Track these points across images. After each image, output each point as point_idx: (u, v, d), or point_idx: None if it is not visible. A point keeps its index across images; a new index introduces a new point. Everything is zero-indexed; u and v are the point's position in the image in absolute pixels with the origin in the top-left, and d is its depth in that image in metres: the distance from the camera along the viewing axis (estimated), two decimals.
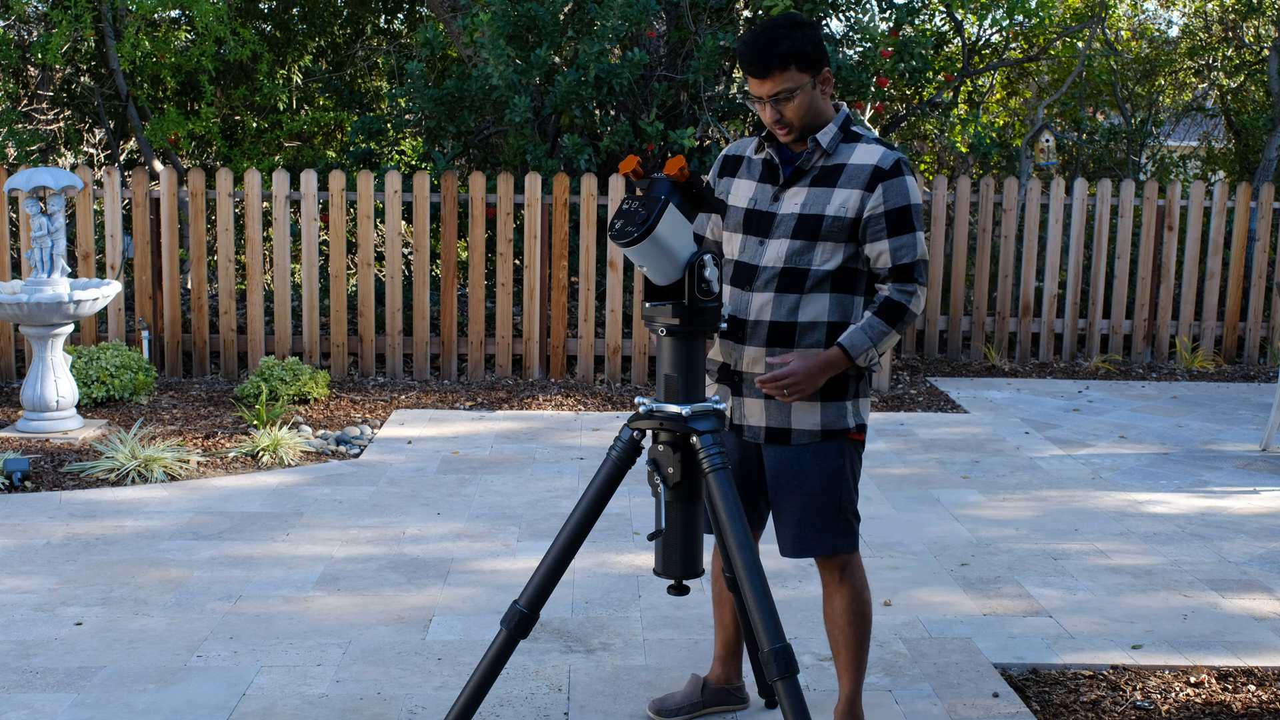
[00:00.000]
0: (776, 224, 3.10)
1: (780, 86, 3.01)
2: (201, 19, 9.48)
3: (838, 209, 3.05)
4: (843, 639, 3.24)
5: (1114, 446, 6.72)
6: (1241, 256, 9.07)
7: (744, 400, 3.15)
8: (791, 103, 3.03)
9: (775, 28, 3.02)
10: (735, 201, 3.18)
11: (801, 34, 3.01)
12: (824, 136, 3.09)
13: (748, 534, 2.77)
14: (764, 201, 3.13)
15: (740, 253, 3.14)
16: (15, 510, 5.28)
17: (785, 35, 3.00)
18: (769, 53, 2.99)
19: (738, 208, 3.17)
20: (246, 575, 4.55)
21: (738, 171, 3.22)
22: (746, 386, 3.14)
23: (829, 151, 3.09)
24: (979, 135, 9.56)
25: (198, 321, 8.10)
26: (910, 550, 4.94)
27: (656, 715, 3.47)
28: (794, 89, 3.01)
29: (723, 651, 3.52)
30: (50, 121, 11.65)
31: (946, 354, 9.22)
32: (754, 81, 3.03)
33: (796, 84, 3.01)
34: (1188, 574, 4.72)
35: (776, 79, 3.00)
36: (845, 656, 3.26)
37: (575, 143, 8.31)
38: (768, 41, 2.99)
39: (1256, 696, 3.67)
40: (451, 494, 5.63)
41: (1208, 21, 12.07)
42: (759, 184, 3.15)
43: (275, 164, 10.23)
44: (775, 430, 3.13)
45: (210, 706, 3.49)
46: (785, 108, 3.03)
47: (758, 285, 3.09)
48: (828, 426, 3.11)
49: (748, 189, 3.17)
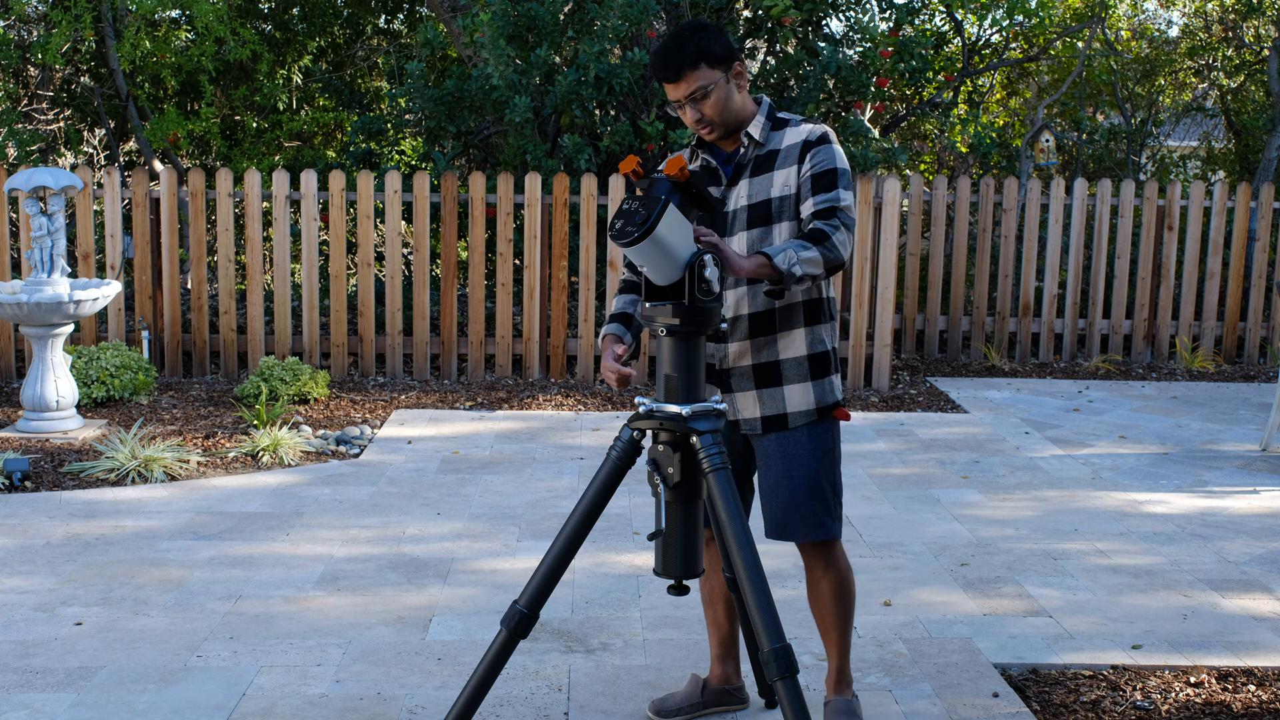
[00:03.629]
0: (731, 221, 3.19)
1: (694, 86, 3.09)
2: (201, 19, 9.48)
3: (780, 188, 3.15)
4: (831, 619, 3.34)
5: (1114, 446, 6.72)
6: (1241, 256, 9.07)
7: (735, 395, 3.24)
8: (708, 100, 3.11)
9: (680, 33, 3.12)
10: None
11: (706, 35, 3.11)
12: (755, 129, 3.19)
13: (748, 534, 2.78)
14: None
15: None
16: (15, 510, 5.28)
17: (690, 38, 3.10)
18: (677, 55, 3.08)
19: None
20: (246, 575, 4.55)
21: None
22: (736, 380, 3.22)
23: (761, 142, 3.19)
24: (979, 135, 9.56)
25: (198, 321, 8.11)
26: (910, 550, 4.94)
27: (656, 716, 3.47)
28: (708, 86, 3.10)
29: (720, 651, 3.54)
30: (50, 121, 11.65)
31: (946, 354, 9.22)
32: (669, 87, 3.11)
33: (709, 81, 3.10)
34: (1188, 574, 4.72)
35: (689, 79, 3.09)
36: (834, 634, 3.37)
37: (575, 143, 8.31)
38: (675, 46, 3.09)
39: (1256, 696, 3.67)
40: (451, 494, 5.63)
41: (1208, 21, 12.07)
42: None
43: (275, 164, 10.23)
44: (771, 418, 3.21)
45: (210, 706, 3.49)
46: (703, 106, 3.11)
47: (729, 284, 3.18)
48: (820, 403, 3.22)
49: None
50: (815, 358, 3.21)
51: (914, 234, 9.10)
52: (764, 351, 3.20)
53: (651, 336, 2.87)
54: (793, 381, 3.20)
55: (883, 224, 8.04)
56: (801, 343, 3.21)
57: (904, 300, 9.08)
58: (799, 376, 3.20)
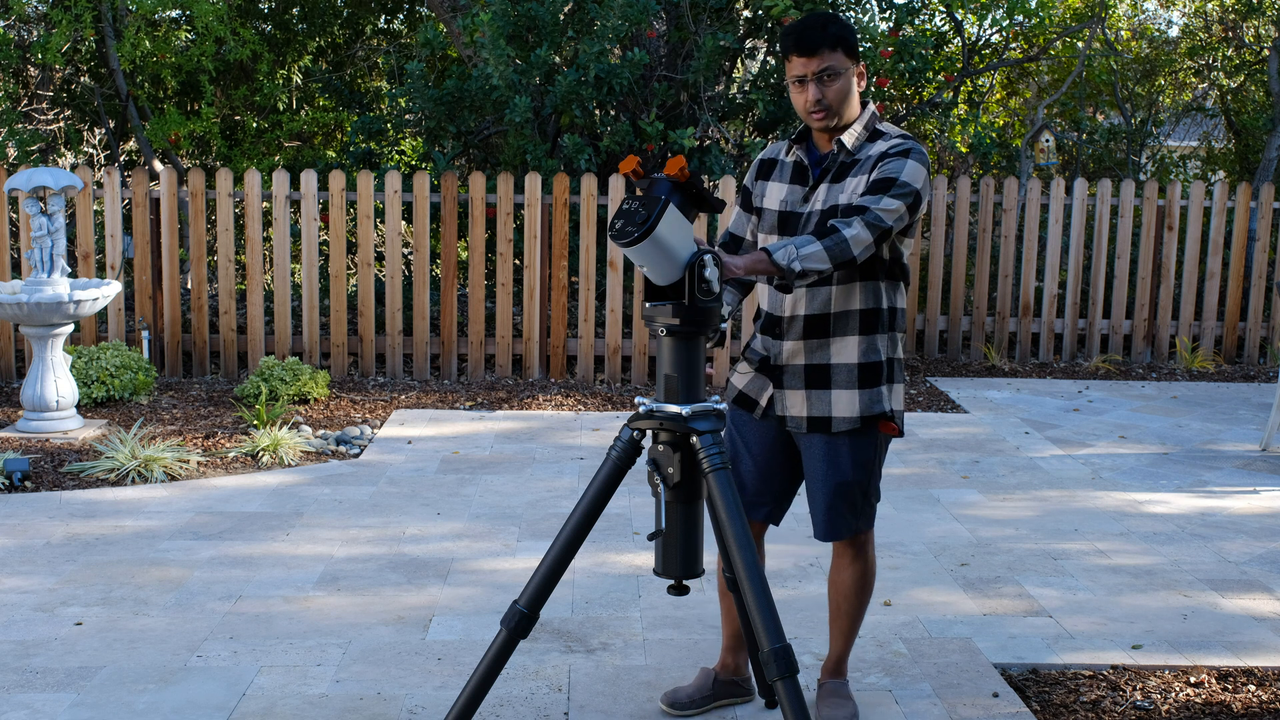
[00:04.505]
0: (804, 222, 3.23)
1: (825, 64, 3.12)
2: (201, 19, 9.48)
3: (849, 195, 3.17)
4: (846, 606, 3.42)
5: (1114, 446, 6.72)
6: (1241, 256, 9.07)
7: (785, 392, 3.29)
8: (834, 84, 3.14)
9: (823, 14, 3.19)
10: (769, 204, 3.31)
11: (848, 26, 3.18)
12: (849, 136, 3.22)
13: (748, 534, 2.78)
14: (794, 203, 3.27)
15: None
16: (15, 510, 5.28)
17: (834, 20, 3.16)
18: (820, 31, 3.12)
19: (771, 210, 3.30)
20: (246, 575, 4.55)
21: (771, 175, 3.35)
22: (787, 378, 3.28)
23: (852, 151, 3.22)
24: (979, 135, 9.56)
25: (198, 321, 8.11)
26: (910, 550, 4.94)
27: (669, 708, 3.49)
28: (839, 70, 3.14)
29: (731, 642, 3.57)
30: (50, 121, 11.65)
31: (946, 354, 9.22)
32: (799, 60, 3.13)
33: (841, 66, 3.15)
34: (1187, 574, 4.72)
35: (824, 56, 3.12)
36: (844, 622, 3.44)
37: (575, 143, 8.31)
38: (818, 23, 3.14)
39: (1256, 696, 3.67)
40: (451, 494, 5.63)
41: (1208, 21, 12.07)
42: (790, 185, 3.29)
43: (275, 164, 10.23)
44: (816, 419, 3.26)
45: (210, 706, 3.49)
46: (828, 88, 3.14)
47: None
48: (865, 412, 3.25)
49: (779, 191, 3.30)
50: (867, 366, 3.24)
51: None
52: (817, 353, 3.25)
53: (651, 336, 2.88)
54: (841, 387, 3.24)
55: None
56: (854, 350, 3.23)
57: None
58: (848, 383, 3.24)
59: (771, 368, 3.30)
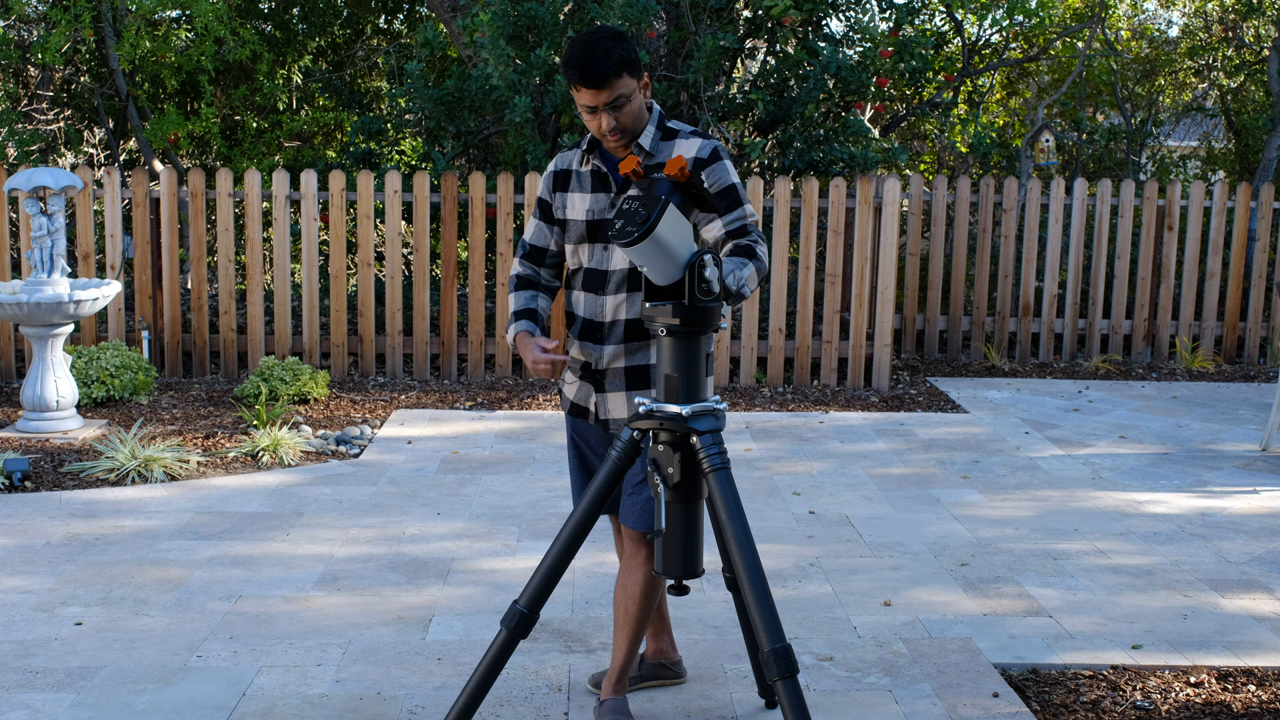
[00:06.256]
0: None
1: (616, 94, 3.11)
2: (201, 19, 9.48)
3: None
4: (634, 610, 3.33)
5: (1114, 446, 6.72)
6: (1241, 256, 9.07)
7: (606, 395, 3.31)
8: (626, 109, 3.14)
9: (602, 39, 3.10)
10: (573, 215, 3.30)
11: (626, 44, 3.12)
12: (645, 140, 3.21)
13: (748, 534, 2.78)
14: (600, 211, 3.25)
15: (589, 261, 3.30)
16: (15, 510, 5.28)
17: (615, 46, 3.09)
18: (605, 62, 3.07)
19: (577, 220, 3.29)
20: (246, 575, 4.55)
21: (569, 186, 3.33)
22: (609, 382, 3.28)
23: (652, 153, 3.21)
24: (979, 135, 9.56)
25: (198, 321, 8.11)
26: (910, 550, 4.94)
27: (594, 687, 3.58)
28: (629, 94, 3.13)
29: (652, 629, 3.62)
30: (50, 121, 11.65)
31: (946, 354, 9.22)
32: (589, 92, 3.10)
33: (630, 90, 3.13)
34: (1187, 574, 4.72)
35: (613, 87, 3.10)
36: (630, 629, 3.34)
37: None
38: (600, 52, 3.07)
39: (1256, 696, 3.67)
40: (451, 494, 5.63)
41: (1208, 21, 12.07)
42: (593, 195, 3.27)
43: (275, 164, 10.23)
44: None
45: (210, 706, 3.49)
46: (621, 115, 3.14)
47: (610, 289, 3.24)
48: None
49: (583, 201, 3.28)
50: None
51: (914, 234, 9.10)
52: (637, 355, 3.26)
53: (651, 336, 2.88)
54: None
55: (883, 224, 8.04)
56: None
57: (904, 300, 9.08)
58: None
59: (593, 373, 3.30)
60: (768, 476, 5.98)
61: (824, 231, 8.92)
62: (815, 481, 5.92)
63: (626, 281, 3.23)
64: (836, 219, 8.05)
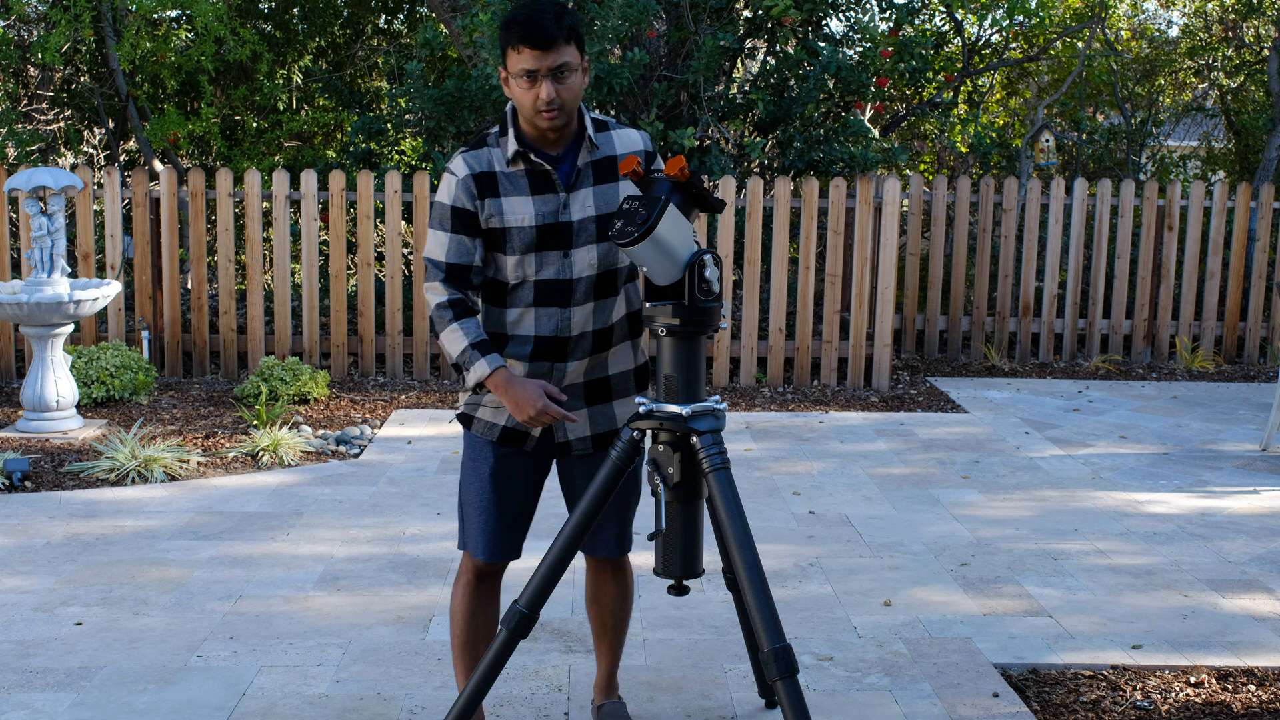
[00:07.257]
0: (577, 232, 2.96)
1: (560, 60, 2.84)
2: (201, 19, 9.47)
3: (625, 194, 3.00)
4: (610, 621, 3.33)
5: (1114, 446, 6.72)
6: (1241, 256, 9.07)
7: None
8: (568, 81, 2.87)
9: (552, 3, 2.86)
10: (517, 222, 2.93)
11: (575, 15, 2.89)
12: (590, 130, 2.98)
13: (748, 534, 2.78)
14: (551, 214, 2.94)
15: (540, 271, 2.95)
16: (15, 510, 5.28)
17: (566, 12, 2.86)
18: (553, 23, 2.82)
19: (525, 227, 2.92)
20: (246, 575, 4.55)
21: (498, 190, 2.94)
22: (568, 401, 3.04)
23: (596, 145, 2.99)
24: (979, 135, 9.56)
25: (198, 321, 8.11)
26: (910, 550, 4.94)
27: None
28: (574, 66, 2.88)
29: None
30: (50, 121, 11.65)
31: (946, 354, 9.22)
32: (532, 54, 2.81)
33: (576, 62, 2.89)
34: (1187, 574, 4.72)
35: (559, 51, 2.83)
36: (612, 638, 3.35)
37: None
38: (554, 12, 2.83)
39: (1256, 696, 3.67)
40: (451, 494, 5.63)
41: (1208, 21, 12.07)
42: (537, 197, 2.94)
43: (275, 164, 10.23)
44: (602, 435, 3.12)
45: (210, 706, 3.49)
46: (563, 88, 2.86)
47: (577, 299, 2.97)
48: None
49: (525, 205, 2.93)
50: (640, 369, 3.16)
51: (914, 234, 9.10)
52: (596, 369, 3.07)
53: (652, 336, 2.88)
54: (619, 396, 3.11)
55: (883, 224, 8.04)
56: (629, 355, 3.12)
57: (904, 300, 9.08)
58: (623, 390, 3.12)
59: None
60: (768, 476, 5.98)
61: (824, 231, 8.92)
62: (815, 481, 5.92)
63: (593, 288, 2.98)
64: (836, 219, 8.05)
